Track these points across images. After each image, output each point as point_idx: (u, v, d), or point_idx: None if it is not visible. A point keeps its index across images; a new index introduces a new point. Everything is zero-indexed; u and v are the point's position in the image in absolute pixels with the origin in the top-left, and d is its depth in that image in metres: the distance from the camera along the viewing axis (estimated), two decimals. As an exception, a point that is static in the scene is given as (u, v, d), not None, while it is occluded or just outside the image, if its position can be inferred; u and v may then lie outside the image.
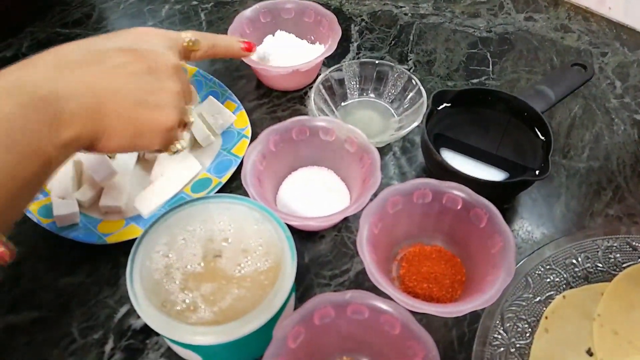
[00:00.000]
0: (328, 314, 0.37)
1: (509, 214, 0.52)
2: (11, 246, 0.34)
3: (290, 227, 0.41)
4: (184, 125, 0.44)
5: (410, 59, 0.68)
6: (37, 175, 0.32)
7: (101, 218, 0.50)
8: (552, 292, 0.44)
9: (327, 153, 0.52)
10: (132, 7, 0.76)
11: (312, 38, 0.66)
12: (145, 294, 0.37)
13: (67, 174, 0.51)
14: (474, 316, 0.44)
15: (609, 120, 0.61)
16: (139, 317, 0.42)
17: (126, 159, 0.54)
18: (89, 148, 0.37)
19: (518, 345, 0.41)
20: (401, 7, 0.76)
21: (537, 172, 0.49)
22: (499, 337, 0.41)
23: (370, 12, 0.75)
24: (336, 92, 0.61)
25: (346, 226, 0.51)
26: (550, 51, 0.70)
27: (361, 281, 0.47)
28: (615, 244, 0.46)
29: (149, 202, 0.50)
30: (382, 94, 0.62)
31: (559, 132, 0.59)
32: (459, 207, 0.45)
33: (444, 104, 0.55)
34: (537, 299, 0.43)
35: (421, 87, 0.57)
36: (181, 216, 0.41)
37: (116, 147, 0.38)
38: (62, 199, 0.49)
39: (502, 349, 0.41)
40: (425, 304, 0.38)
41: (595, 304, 0.43)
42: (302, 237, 0.50)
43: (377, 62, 0.61)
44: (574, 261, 0.45)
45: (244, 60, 0.58)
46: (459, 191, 0.44)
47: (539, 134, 0.53)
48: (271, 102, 0.63)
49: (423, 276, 0.45)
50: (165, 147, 0.42)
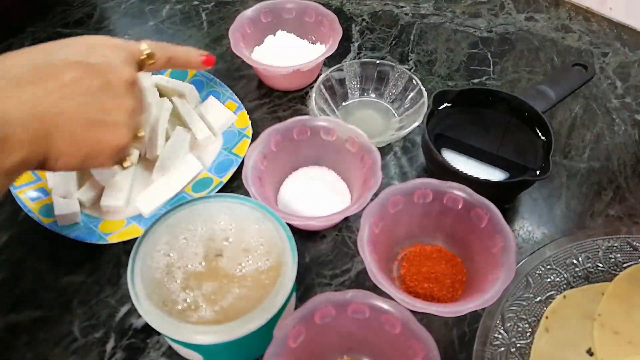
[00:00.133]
0: (329, 313, 0.37)
1: (509, 214, 0.52)
2: None
3: (291, 227, 0.41)
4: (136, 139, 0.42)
5: (411, 59, 0.68)
6: None
7: (102, 217, 0.50)
8: (552, 292, 0.44)
9: (328, 153, 0.52)
10: (133, 7, 0.76)
11: (313, 38, 0.66)
12: (146, 293, 0.37)
13: (68, 173, 0.51)
14: (475, 316, 0.44)
15: (610, 121, 0.61)
16: (140, 316, 0.42)
17: (127, 158, 0.54)
18: (36, 168, 0.36)
19: (518, 345, 0.41)
20: (402, 7, 0.76)
21: (537, 172, 0.49)
22: (500, 336, 0.41)
23: (371, 12, 0.75)
24: (337, 92, 0.61)
25: (347, 226, 0.51)
26: (551, 51, 0.70)
27: (362, 281, 0.47)
28: (615, 244, 0.46)
29: (150, 202, 0.50)
30: (383, 94, 0.62)
31: (559, 132, 0.59)
32: (459, 207, 0.45)
33: (445, 104, 0.55)
34: (538, 299, 0.43)
35: (422, 87, 0.57)
36: (182, 216, 0.41)
37: (65, 168, 0.37)
38: (63, 198, 0.50)
39: (502, 348, 0.41)
40: (425, 303, 0.38)
41: (596, 304, 0.43)
42: (303, 236, 0.50)
43: (378, 62, 0.61)
44: (575, 261, 0.45)
45: (245, 60, 0.58)
46: (460, 191, 0.44)
47: (539, 134, 0.53)
48: (272, 102, 0.63)
49: (424, 276, 0.45)
50: (117, 164, 0.41)
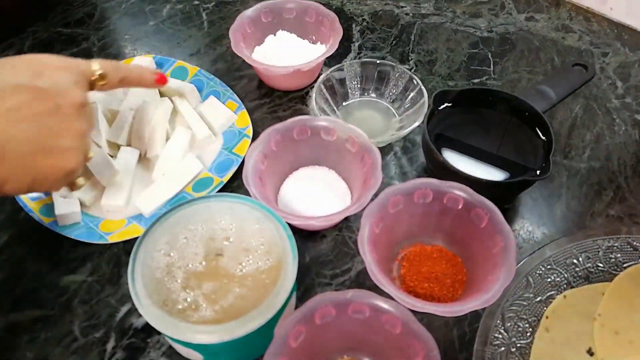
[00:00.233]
0: (329, 313, 0.37)
1: (509, 214, 0.52)
2: None
3: (291, 227, 0.41)
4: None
5: (412, 59, 0.68)
6: None
7: (103, 217, 0.50)
8: (552, 292, 0.44)
9: (328, 153, 0.52)
10: (134, 6, 0.76)
11: (314, 38, 0.66)
12: (146, 293, 0.37)
13: (69, 173, 0.51)
14: (475, 316, 0.44)
15: (610, 121, 0.61)
16: (140, 315, 0.42)
17: (128, 158, 0.54)
18: None
19: (519, 345, 0.41)
20: (402, 7, 0.76)
21: (538, 172, 0.49)
22: (500, 336, 0.41)
23: (371, 12, 0.75)
24: (337, 92, 0.61)
25: (347, 226, 0.51)
26: (552, 51, 0.70)
27: (362, 280, 0.47)
28: (616, 244, 0.46)
29: (150, 201, 0.50)
30: (383, 93, 0.62)
31: (560, 132, 0.59)
32: (460, 207, 0.45)
33: (445, 104, 0.55)
34: (538, 299, 0.43)
35: (422, 87, 0.57)
36: (183, 215, 0.41)
37: (12, 193, 0.36)
38: (63, 197, 0.50)
39: (502, 348, 0.41)
40: (426, 303, 0.38)
41: (596, 303, 0.43)
42: (303, 236, 0.50)
43: (378, 61, 0.61)
44: (575, 261, 0.45)
45: (245, 59, 0.58)
46: (460, 191, 0.44)
47: (539, 134, 0.53)
48: (272, 101, 0.63)
49: (424, 276, 0.45)
50: (66, 186, 0.40)
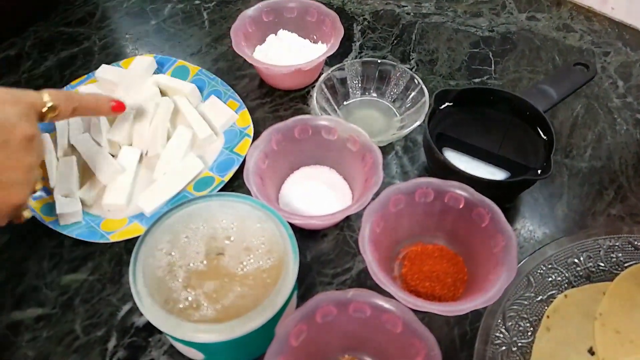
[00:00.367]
0: (330, 312, 0.37)
1: (511, 213, 0.52)
2: None
3: (292, 226, 0.41)
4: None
5: (413, 58, 0.68)
6: None
7: (104, 216, 0.50)
8: (553, 291, 0.44)
9: (329, 152, 0.52)
10: (135, 6, 0.76)
11: (315, 37, 0.66)
12: (148, 292, 0.37)
13: (70, 172, 0.52)
14: (476, 315, 0.44)
15: (612, 120, 0.61)
16: (141, 314, 0.42)
17: (129, 157, 0.54)
18: None
19: (520, 344, 0.41)
20: (403, 6, 0.76)
21: (539, 171, 0.49)
22: (501, 335, 0.41)
23: (372, 11, 0.75)
24: (338, 91, 0.61)
25: (348, 225, 0.51)
26: (553, 51, 0.69)
27: (363, 280, 0.47)
28: (617, 244, 0.46)
29: (151, 201, 0.50)
30: (384, 93, 0.62)
31: (561, 132, 0.59)
32: (461, 206, 0.45)
33: (446, 103, 0.55)
34: (539, 298, 0.43)
35: (423, 87, 0.57)
36: (184, 214, 0.41)
37: None
38: (65, 197, 0.50)
39: (503, 347, 0.41)
40: (427, 302, 0.38)
41: (597, 303, 0.43)
42: (305, 235, 0.50)
43: (379, 61, 0.61)
44: (576, 260, 0.45)
45: (247, 59, 0.58)
46: (461, 190, 0.44)
47: (541, 133, 0.53)
48: (273, 101, 0.63)
49: (425, 275, 0.45)
50: (12, 219, 0.41)
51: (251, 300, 0.37)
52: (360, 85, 0.62)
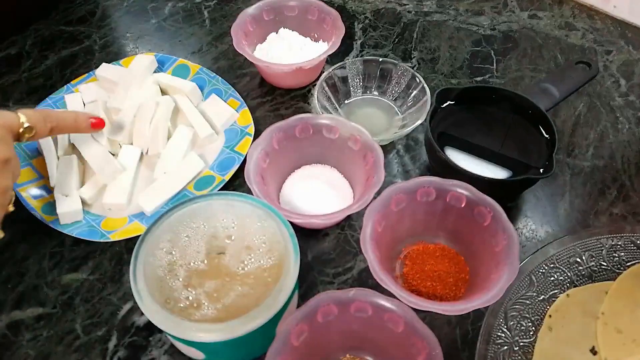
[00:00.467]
0: (331, 311, 0.37)
1: (513, 213, 0.52)
2: None
3: (293, 225, 0.41)
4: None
5: (414, 57, 0.68)
6: None
7: (104, 215, 0.50)
8: (556, 291, 0.44)
9: (330, 151, 0.52)
10: (136, 4, 0.76)
11: (316, 35, 0.65)
12: (148, 291, 0.37)
13: (70, 171, 0.51)
14: (478, 314, 0.44)
15: (614, 119, 0.61)
16: (142, 314, 0.42)
17: (129, 156, 0.54)
18: None
19: (522, 344, 0.41)
20: (405, 4, 0.76)
21: (541, 170, 0.48)
22: (503, 335, 0.41)
23: (373, 9, 0.75)
24: (339, 90, 0.61)
25: (349, 224, 0.51)
26: (555, 49, 0.69)
27: (364, 279, 0.47)
28: (619, 243, 0.46)
29: (152, 200, 0.50)
30: (385, 91, 0.62)
31: (563, 131, 0.59)
32: (462, 205, 0.44)
33: (448, 102, 0.55)
34: (541, 298, 0.43)
35: (425, 85, 0.57)
36: (184, 213, 0.41)
37: None
38: (65, 196, 0.50)
39: (505, 347, 0.40)
40: (428, 302, 0.38)
41: (599, 302, 0.43)
42: (306, 234, 0.50)
43: (380, 59, 0.61)
44: (578, 260, 0.45)
45: (247, 57, 0.58)
46: (463, 189, 0.44)
47: (543, 132, 0.52)
48: (274, 99, 0.63)
49: (427, 274, 0.45)
50: None
51: (252, 300, 0.37)
52: (361, 83, 0.62)
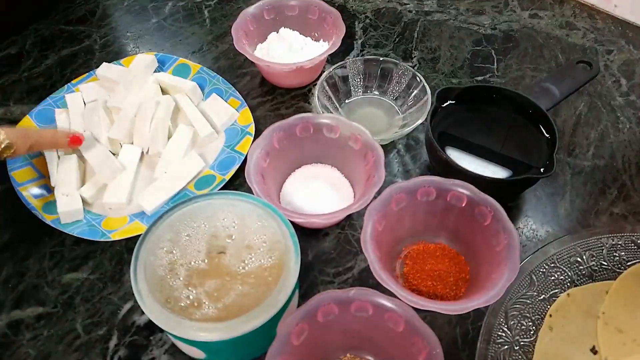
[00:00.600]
0: (332, 311, 0.37)
1: (513, 212, 0.52)
2: None
3: (294, 224, 0.41)
4: None
5: (415, 56, 0.68)
6: None
7: (105, 215, 0.50)
8: (556, 290, 0.44)
9: (331, 150, 0.52)
10: (136, 4, 0.76)
11: (316, 35, 0.65)
12: (149, 290, 0.37)
13: (71, 171, 0.51)
14: (478, 314, 0.44)
15: (615, 118, 0.61)
16: (143, 313, 0.42)
17: (130, 156, 0.54)
18: None
19: (522, 343, 0.41)
20: (405, 4, 0.76)
21: (541, 170, 0.48)
22: (503, 335, 0.41)
23: (374, 9, 0.75)
24: (340, 89, 0.61)
25: (350, 224, 0.51)
26: (556, 49, 0.69)
27: (365, 279, 0.47)
28: (620, 242, 0.46)
29: (152, 199, 0.50)
30: (386, 91, 0.62)
31: (563, 130, 0.59)
32: (463, 205, 0.44)
33: (449, 102, 0.55)
34: (542, 297, 0.43)
35: (425, 85, 0.57)
36: (185, 213, 0.41)
37: None
38: (66, 195, 0.50)
39: (506, 346, 0.40)
40: (429, 301, 0.38)
41: (600, 302, 0.43)
42: (306, 234, 0.50)
43: (381, 59, 0.61)
44: (579, 259, 0.45)
45: (248, 57, 0.58)
46: (464, 189, 0.44)
47: (543, 131, 0.52)
48: (275, 99, 0.63)
49: (427, 274, 0.45)
50: None
51: (252, 299, 0.37)
52: (362, 83, 0.62)
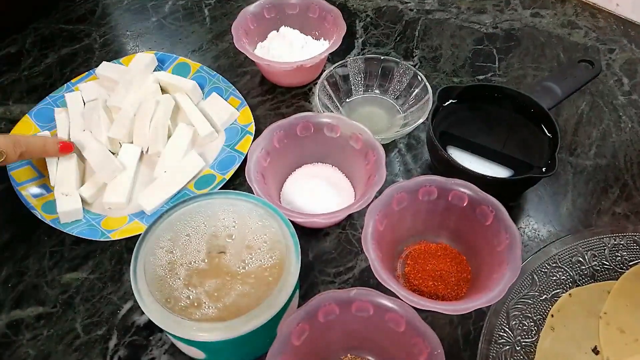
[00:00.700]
0: (332, 311, 0.37)
1: (515, 212, 0.52)
2: None
3: (294, 224, 0.41)
4: None
5: (416, 55, 0.68)
6: None
7: (104, 214, 0.50)
8: (558, 290, 0.44)
9: (331, 149, 0.52)
10: (136, 3, 0.76)
11: (317, 34, 0.65)
12: (149, 290, 0.36)
13: (70, 170, 0.51)
14: (480, 314, 0.44)
15: (617, 118, 0.60)
16: (142, 313, 0.42)
17: (130, 155, 0.53)
18: None
19: (524, 344, 0.41)
20: (406, 2, 0.76)
21: (543, 169, 0.48)
22: (505, 335, 0.41)
23: (375, 7, 0.75)
24: (341, 88, 0.60)
25: (351, 223, 0.51)
26: (557, 47, 0.69)
27: (366, 279, 0.47)
28: (622, 242, 0.46)
29: (152, 199, 0.50)
30: (387, 90, 0.61)
31: (565, 129, 0.59)
32: (464, 204, 0.44)
33: (450, 101, 0.55)
34: (543, 297, 0.43)
35: (427, 84, 0.57)
36: (185, 212, 0.41)
37: None
38: (65, 195, 0.49)
39: (507, 347, 0.40)
40: (430, 301, 0.38)
41: (602, 302, 0.43)
42: (307, 233, 0.50)
43: (382, 58, 0.60)
44: (581, 259, 0.45)
45: (248, 56, 0.58)
46: (465, 188, 0.44)
47: (545, 130, 0.52)
48: (275, 98, 0.63)
49: (428, 274, 0.45)
50: None
51: (253, 299, 0.37)
52: (363, 82, 0.62)
